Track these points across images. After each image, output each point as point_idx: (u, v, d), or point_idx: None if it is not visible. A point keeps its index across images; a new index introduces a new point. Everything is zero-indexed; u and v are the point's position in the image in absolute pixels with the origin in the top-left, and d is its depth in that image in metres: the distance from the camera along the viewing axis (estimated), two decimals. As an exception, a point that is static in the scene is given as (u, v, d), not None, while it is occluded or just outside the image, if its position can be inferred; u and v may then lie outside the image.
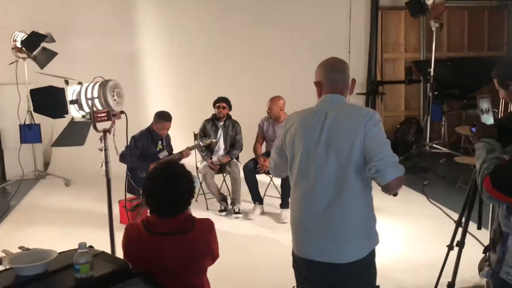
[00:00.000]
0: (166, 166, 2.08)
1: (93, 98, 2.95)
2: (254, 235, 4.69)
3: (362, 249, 2.04)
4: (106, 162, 3.14)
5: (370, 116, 2.01)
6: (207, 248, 2.08)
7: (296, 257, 2.18)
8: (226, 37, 7.41)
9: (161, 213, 2.03)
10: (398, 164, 1.93)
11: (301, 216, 2.11)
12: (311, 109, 2.17)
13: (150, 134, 4.84)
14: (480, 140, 2.10)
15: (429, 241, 4.42)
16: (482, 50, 8.42)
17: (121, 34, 7.19)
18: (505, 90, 2.45)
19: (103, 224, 3.29)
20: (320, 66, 2.21)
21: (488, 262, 2.03)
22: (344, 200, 2.01)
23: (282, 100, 5.14)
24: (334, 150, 2.02)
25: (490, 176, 1.89)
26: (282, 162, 2.26)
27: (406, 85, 8.22)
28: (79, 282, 1.66)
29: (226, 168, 5.29)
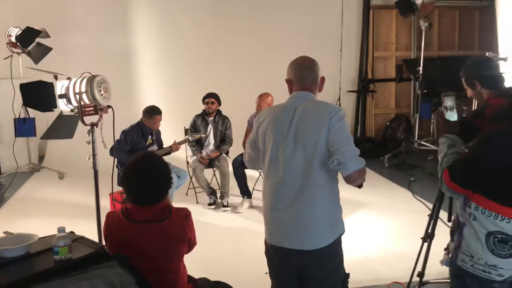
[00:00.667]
0: (143, 158, 2.20)
1: (80, 92, 3.07)
2: (242, 227, 4.81)
3: (328, 236, 2.16)
4: (94, 155, 3.27)
5: (335, 112, 2.13)
6: (183, 235, 2.20)
7: (268, 245, 2.31)
8: (217, 34, 7.51)
9: (139, 202, 2.15)
10: (359, 157, 2.05)
11: (271, 206, 2.23)
12: (282, 105, 2.29)
13: (140, 128, 4.95)
14: (442, 135, 2.22)
15: (411, 235, 4.51)
16: (472, 49, 8.53)
17: (114, 30, 7.30)
18: (472, 89, 2.58)
19: (94, 217, 3.40)
20: (291, 65, 2.34)
21: (447, 251, 2.15)
22: (311, 191, 2.13)
23: (271, 97, 5.25)
24: (301, 143, 2.14)
25: (448, 169, 2.01)
26: (255, 154, 2.38)
27: (396, 83, 8.33)
28: (57, 263, 1.78)
29: (216, 163, 5.41)
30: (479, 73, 2.47)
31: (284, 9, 7.69)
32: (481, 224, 1.94)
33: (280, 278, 2.31)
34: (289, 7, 7.70)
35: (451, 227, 2.17)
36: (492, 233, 1.92)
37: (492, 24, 8.45)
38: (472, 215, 1.97)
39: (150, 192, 2.14)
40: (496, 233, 1.91)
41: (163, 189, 2.18)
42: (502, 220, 1.89)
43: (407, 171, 6.74)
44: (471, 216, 1.97)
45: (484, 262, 1.94)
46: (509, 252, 1.90)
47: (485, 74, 2.46)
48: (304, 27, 7.75)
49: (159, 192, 2.16)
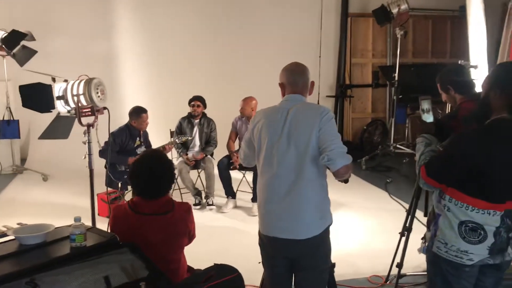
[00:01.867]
0: (150, 154, 2.38)
1: (78, 94, 3.21)
2: (227, 226, 4.99)
3: (317, 227, 2.36)
4: (89, 154, 3.40)
5: (325, 113, 2.35)
6: (185, 228, 2.38)
7: (261, 235, 2.50)
8: (202, 39, 7.70)
9: (145, 195, 2.32)
10: (347, 154, 2.26)
11: (266, 199, 2.43)
12: (275, 107, 2.49)
13: (129, 130, 5.08)
14: (420, 135, 2.46)
15: (388, 232, 4.77)
16: (445, 57, 8.92)
17: (99, 34, 7.40)
18: (446, 94, 2.85)
19: (84, 217, 3.50)
20: (283, 70, 2.54)
21: (424, 240, 2.38)
22: (302, 185, 2.33)
23: (255, 101, 5.45)
24: (294, 141, 2.34)
25: (425, 166, 2.24)
26: (250, 152, 2.57)
27: (373, 89, 8.64)
28: (74, 250, 1.94)
29: (201, 164, 5.57)
30: (452, 79, 2.74)
31: (265, 16, 7.93)
32: (454, 215, 2.17)
33: (272, 266, 2.50)
34: (271, 15, 7.95)
35: (428, 218, 2.41)
36: (463, 222, 2.15)
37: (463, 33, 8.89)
38: (446, 207, 2.20)
39: (156, 186, 2.31)
40: (467, 222, 2.14)
41: (168, 183, 2.36)
42: (472, 210, 2.13)
43: (384, 173, 7.03)
44: (446, 207, 2.20)
45: (457, 249, 2.17)
46: (479, 239, 2.13)
47: (458, 80, 2.72)
48: (285, 34, 7.99)
49: (164, 186, 2.34)
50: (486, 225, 2.12)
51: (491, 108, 2.16)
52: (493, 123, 2.13)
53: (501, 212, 2.12)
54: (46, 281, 1.67)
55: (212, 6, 7.74)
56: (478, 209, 2.12)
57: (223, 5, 7.78)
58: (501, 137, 2.08)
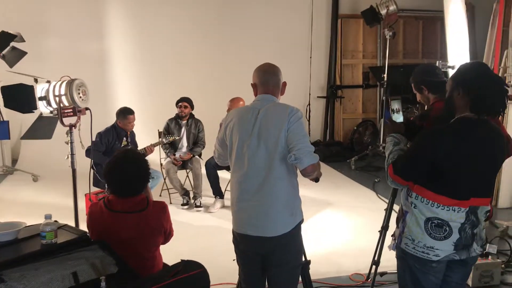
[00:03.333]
0: (123, 154, 2.41)
1: (60, 95, 3.26)
2: (214, 226, 5.02)
3: (288, 224, 2.41)
4: (72, 154, 3.45)
5: (293, 113, 2.39)
6: (159, 226, 2.42)
7: (235, 233, 2.54)
8: (192, 40, 7.75)
9: (119, 193, 2.36)
10: (313, 154, 2.30)
11: (237, 197, 2.47)
12: (247, 107, 2.54)
13: (116, 130, 5.12)
14: (389, 134, 2.50)
15: (373, 231, 4.74)
16: (435, 57, 8.92)
17: (89, 35, 7.46)
18: (420, 94, 2.89)
19: (71, 217, 3.55)
20: (255, 70, 2.59)
21: (394, 237, 2.43)
22: (272, 183, 2.37)
23: (242, 101, 5.47)
24: (264, 141, 2.38)
25: (392, 164, 2.29)
26: (224, 151, 2.62)
27: (363, 89, 8.71)
28: (44, 247, 1.98)
29: (189, 164, 5.61)
30: (426, 79, 2.78)
31: (256, 17, 7.99)
32: (420, 211, 2.22)
33: (246, 263, 2.54)
34: (261, 15, 8.00)
35: (397, 215, 2.45)
36: (429, 219, 2.19)
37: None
38: (413, 204, 2.25)
39: (130, 185, 2.35)
40: (433, 218, 2.18)
41: (142, 182, 2.40)
42: (438, 207, 2.17)
43: (372, 173, 7.07)
44: (412, 204, 2.25)
45: (423, 245, 2.21)
46: (444, 235, 2.17)
47: (431, 80, 2.76)
48: (275, 35, 8.05)
49: (138, 185, 2.38)
50: (451, 222, 2.17)
51: (455, 108, 2.20)
52: (455, 121, 2.18)
53: (465, 208, 2.16)
54: (14, 277, 1.71)
55: (203, 8, 7.79)
56: (443, 205, 2.16)
57: (214, 6, 7.83)
58: (462, 135, 2.12)
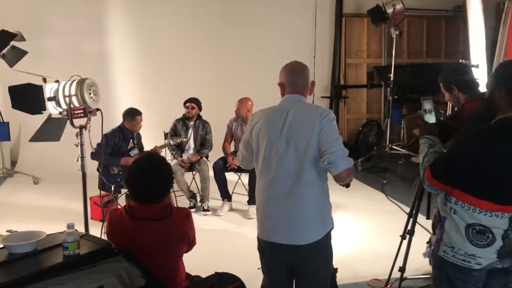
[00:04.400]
0: (148, 157, 2.28)
1: (70, 95, 3.12)
2: (222, 230, 4.90)
3: (318, 231, 2.28)
4: (82, 157, 3.31)
5: (325, 114, 2.27)
6: (182, 234, 2.28)
7: (260, 241, 2.41)
8: (196, 40, 7.61)
9: (141, 200, 2.23)
10: (348, 157, 2.17)
11: (265, 202, 2.34)
12: (275, 107, 2.41)
13: (122, 132, 4.98)
14: (422, 136, 2.39)
15: (386, 234, 4.73)
16: (439, 57, 8.89)
17: (91, 33, 7.29)
18: (449, 93, 2.78)
19: (74, 221, 3.43)
20: (283, 69, 2.46)
21: (430, 244, 2.31)
22: (302, 188, 2.25)
23: (250, 102, 5.37)
24: (293, 143, 2.26)
25: (430, 167, 2.17)
26: (249, 154, 2.49)
27: (368, 89, 8.59)
28: (67, 258, 1.84)
29: (196, 166, 5.48)
30: (456, 79, 2.68)
31: (260, 16, 7.86)
32: (460, 217, 2.10)
33: (272, 272, 2.41)
34: (265, 16, 7.87)
35: (433, 221, 2.34)
36: (470, 225, 2.08)
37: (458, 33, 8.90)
38: (452, 209, 2.13)
39: (152, 191, 2.22)
40: (475, 225, 2.07)
41: (165, 188, 2.27)
42: (480, 213, 2.06)
43: (380, 174, 6.97)
44: (452, 210, 2.14)
45: (464, 252, 2.10)
46: (487, 242, 2.06)
47: (461, 79, 2.66)
48: (279, 35, 7.93)
49: (161, 191, 2.25)
50: (494, 228, 2.06)
51: (496, 108, 2.09)
52: (497, 122, 2.07)
53: (509, 214, 2.06)
54: (37, 293, 1.58)
55: (206, 7, 7.64)
56: (486, 211, 2.05)
57: (217, 5, 7.69)
58: (506, 137, 2.02)
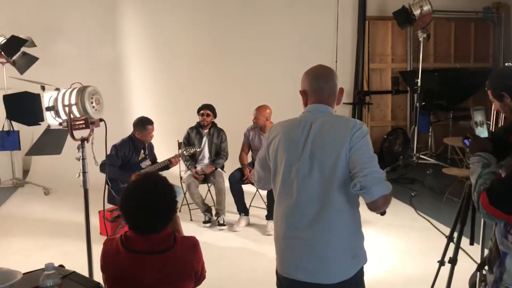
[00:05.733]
0: (144, 179, 1.93)
1: (70, 104, 2.83)
2: (239, 247, 4.56)
3: (348, 269, 1.93)
4: (84, 173, 3.01)
5: (357, 128, 1.91)
6: (189, 269, 1.92)
7: (280, 276, 2.06)
8: (211, 45, 7.28)
9: (140, 229, 1.89)
10: (385, 181, 1.81)
11: (284, 233, 2.00)
12: (296, 120, 2.06)
13: (132, 142, 4.69)
14: (474, 154, 2.00)
15: (419, 255, 4.34)
16: (468, 61, 8.44)
17: (104, 40, 7.03)
18: (500, 102, 2.36)
19: (82, 235, 3.17)
20: (306, 74, 2.10)
21: (485, 283, 1.93)
22: (329, 217, 1.90)
23: (269, 110, 5.04)
24: (318, 163, 1.91)
25: (487, 192, 1.80)
26: (265, 174, 2.15)
27: (392, 95, 8.19)
28: (44, 307, 1.52)
29: (211, 178, 5.16)
30: (507, 85, 2.27)
31: (278, 21, 7.50)
32: (526, 254, 1.73)
33: (294, 313, 2.05)
34: (284, 19, 7.51)
35: (488, 257, 1.95)
36: (539, 264, 1.70)
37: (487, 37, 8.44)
38: (515, 244, 1.76)
39: (152, 219, 1.87)
40: (545, 265, 1.69)
41: (167, 216, 1.91)
42: (551, 249, 1.68)
43: (407, 186, 6.55)
44: (514, 245, 1.76)
45: (530, 297, 1.72)
46: (559, 286, 1.68)
47: None
48: (299, 39, 7.57)
49: (163, 219, 1.90)
50: None
51: None
52: None
53: None
54: None
55: (221, 10, 7.33)
56: (559, 248, 1.67)
57: (233, 8, 7.36)
58: None
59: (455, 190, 5.79)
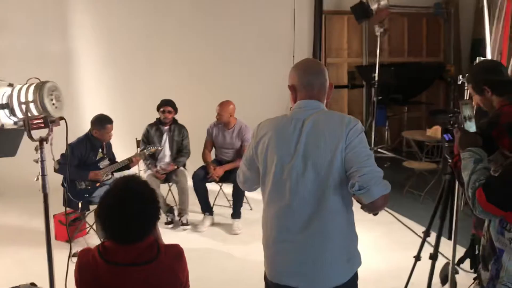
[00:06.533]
0: (124, 184, 1.75)
1: (27, 102, 2.58)
2: (205, 248, 4.41)
3: (344, 272, 1.85)
4: (43, 176, 2.77)
5: (352, 124, 1.83)
6: (174, 280, 1.76)
7: (269, 283, 1.95)
8: (169, 39, 7.02)
9: (120, 240, 1.72)
10: (384, 180, 1.74)
11: (275, 237, 1.89)
12: (286, 117, 1.94)
13: (90, 141, 4.42)
14: (465, 149, 1.97)
15: (386, 249, 4.37)
16: (421, 56, 8.62)
17: (51, 32, 6.62)
18: (480, 96, 2.36)
19: (38, 242, 2.96)
20: (294, 68, 1.99)
21: (478, 281, 1.90)
22: (323, 219, 1.81)
23: (232, 105, 4.91)
24: (312, 162, 1.81)
25: (483, 189, 1.75)
26: (253, 175, 2.02)
27: (349, 90, 8.23)
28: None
29: (173, 177, 4.96)
30: (489, 79, 2.26)
31: (235, 15, 7.35)
32: (524, 251, 1.70)
33: (285, 320, 1.95)
34: (241, 14, 7.37)
35: (482, 253, 1.92)
36: (538, 261, 1.68)
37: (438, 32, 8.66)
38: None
39: (133, 227, 1.70)
40: (543, 261, 1.67)
41: (150, 223, 1.75)
42: (549, 246, 1.66)
43: (366, 179, 6.60)
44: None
45: (529, 294, 1.70)
46: (559, 282, 1.67)
47: (496, 80, 2.25)
48: (257, 33, 7.45)
49: (146, 227, 1.73)
50: None
51: None
52: None
53: None
54: None
55: (181, 3, 7.08)
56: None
57: (193, 2, 7.15)
58: None
59: (414, 183, 5.90)
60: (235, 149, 4.97)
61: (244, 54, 7.25)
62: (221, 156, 5.06)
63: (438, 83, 8.43)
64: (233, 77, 7.17)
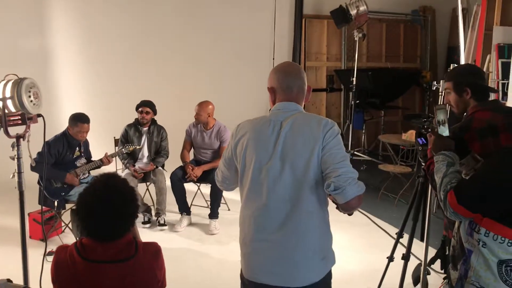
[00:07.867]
0: (103, 182, 1.76)
1: (4, 98, 2.57)
2: (182, 248, 4.41)
3: (318, 271, 1.89)
4: (19, 173, 2.75)
5: (329, 127, 1.87)
6: (152, 278, 1.78)
7: (245, 281, 1.98)
8: (149, 40, 7.00)
9: (98, 237, 1.72)
10: (359, 181, 1.79)
11: (252, 235, 1.92)
12: (265, 118, 1.98)
13: (66, 139, 4.37)
14: (438, 152, 2.03)
15: (361, 251, 4.42)
16: (398, 61, 8.78)
17: (32, 29, 6.53)
18: (458, 95, 2.34)
19: (11, 241, 2.91)
20: (274, 71, 2.03)
21: (448, 280, 1.96)
22: (299, 218, 1.85)
23: (211, 106, 4.92)
24: (290, 163, 1.85)
25: (454, 191, 1.82)
26: (231, 175, 2.05)
27: (327, 93, 8.34)
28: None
29: (151, 177, 4.95)
30: (473, 82, 2.29)
31: (216, 18, 7.35)
32: (491, 252, 1.76)
33: (261, 319, 1.98)
34: (221, 16, 7.38)
35: (452, 253, 1.98)
36: (504, 261, 1.74)
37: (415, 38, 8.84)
38: (481, 241, 1.79)
39: (113, 225, 1.71)
40: (509, 261, 1.74)
41: (128, 220, 1.76)
42: (516, 247, 1.73)
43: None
44: (480, 242, 1.79)
45: (495, 293, 1.76)
46: (523, 282, 1.74)
47: (479, 83, 2.29)
48: (237, 36, 7.48)
49: (124, 224, 1.75)
50: (532, 265, 1.73)
51: None
52: None
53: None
54: None
55: (160, 4, 7.06)
56: (523, 245, 1.72)
57: (169, 2, 7.13)
58: None
59: (389, 186, 6.00)
60: (214, 150, 4.99)
61: (224, 56, 7.27)
62: (200, 157, 5.07)
63: (414, 89, 8.61)
64: (213, 79, 7.19)
